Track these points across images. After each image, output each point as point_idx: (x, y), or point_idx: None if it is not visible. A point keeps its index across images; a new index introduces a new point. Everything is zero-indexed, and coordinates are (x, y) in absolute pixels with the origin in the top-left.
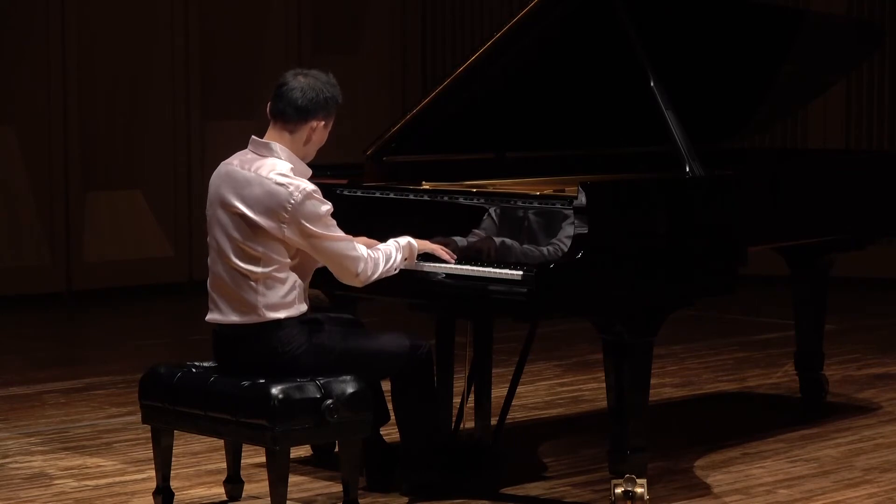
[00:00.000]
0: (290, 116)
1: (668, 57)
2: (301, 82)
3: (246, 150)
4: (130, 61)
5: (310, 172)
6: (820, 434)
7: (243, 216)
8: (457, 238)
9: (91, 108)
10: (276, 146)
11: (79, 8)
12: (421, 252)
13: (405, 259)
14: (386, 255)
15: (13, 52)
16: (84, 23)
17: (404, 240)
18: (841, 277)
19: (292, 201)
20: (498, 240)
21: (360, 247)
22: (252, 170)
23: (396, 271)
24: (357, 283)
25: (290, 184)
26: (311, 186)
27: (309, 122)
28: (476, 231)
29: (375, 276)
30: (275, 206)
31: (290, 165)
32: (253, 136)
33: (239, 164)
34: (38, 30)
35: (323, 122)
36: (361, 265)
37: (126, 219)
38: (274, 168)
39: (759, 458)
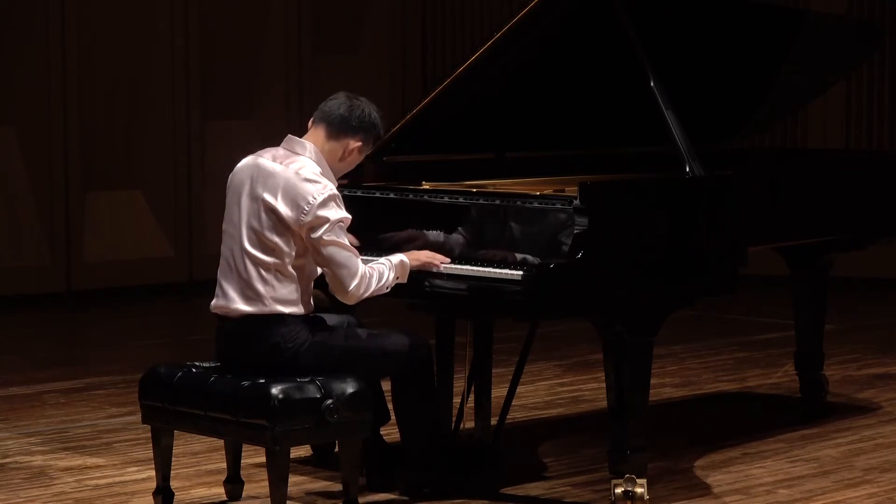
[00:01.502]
0: (333, 125)
1: (668, 57)
2: (353, 101)
3: (278, 147)
4: (130, 61)
5: (335, 181)
6: (820, 434)
7: (266, 205)
8: (456, 238)
9: (91, 108)
10: (310, 146)
11: (79, 8)
12: (414, 268)
13: (397, 278)
14: (379, 273)
15: (13, 52)
16: (84, 23)
17: (397, 258)
18: (841, 277)
19: (317, 196)
20: (497, 240)
21: (361, 265)
22: (282, 164)
23: (388, 290)
24: (346, 300)
25: (319, 181)
26: (336, 191)
27: (348, 138)
28: (475, 231)
29: (367, 294)
30: (299, 197)
31: (319, 169)
32: (290, 135)
33: (270, 157)
34: (38, 30)
35: (360, 144)
36: (356, 282)
37: (126, 219)
38: (304, 166)
39: (759, 458)
